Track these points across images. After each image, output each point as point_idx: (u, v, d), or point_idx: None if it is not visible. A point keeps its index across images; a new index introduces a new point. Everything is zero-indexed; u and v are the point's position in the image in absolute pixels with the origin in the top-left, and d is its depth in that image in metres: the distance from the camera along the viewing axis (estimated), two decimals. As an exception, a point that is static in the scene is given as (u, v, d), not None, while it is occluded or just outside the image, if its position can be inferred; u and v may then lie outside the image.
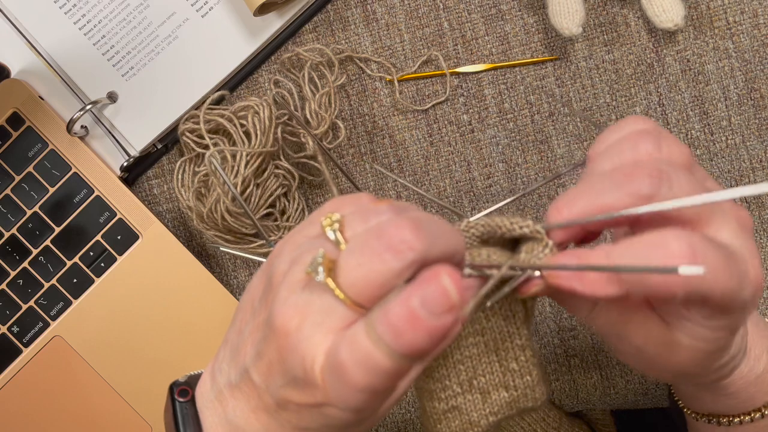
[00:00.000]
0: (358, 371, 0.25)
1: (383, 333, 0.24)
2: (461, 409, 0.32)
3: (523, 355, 0.31)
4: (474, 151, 0.56)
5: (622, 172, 0.28)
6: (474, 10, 0.55)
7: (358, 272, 0.25)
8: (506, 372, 0.32)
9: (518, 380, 0.31)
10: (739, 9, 0.54)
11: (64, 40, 0.55)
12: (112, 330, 0.55)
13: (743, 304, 0.27)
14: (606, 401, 0.57)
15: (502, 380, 0.32)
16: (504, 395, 0.32)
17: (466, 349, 0.31)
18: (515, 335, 0.31)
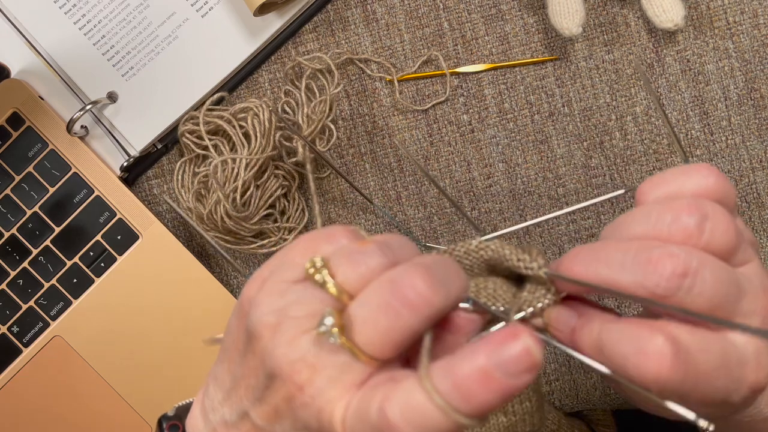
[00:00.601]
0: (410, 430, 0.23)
1: (448, 393, 0.23)
2: None
3: None
4: (474, 151, 0.56)
5: (648, 256, 0.27)
6: (474, 10, 0.55)
7: (375, 330, 0.24)
8: None
9: (517, 406, 0.31)
10: (739, 9, 0.54)
11: (64, 40, 0.55)
12: (112, 330, 0.55)
13: (733, 407, 0.27)
14: (606, 401, 0.57)
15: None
16: (502, 420, 0.31)
17: None
18: None
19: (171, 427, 0.34)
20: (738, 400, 0.27)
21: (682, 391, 0.25)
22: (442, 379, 0.23)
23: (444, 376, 0.23)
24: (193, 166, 0.54)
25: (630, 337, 0.26)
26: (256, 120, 0.51)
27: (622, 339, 0.26)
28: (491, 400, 0.23)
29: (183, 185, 0.54)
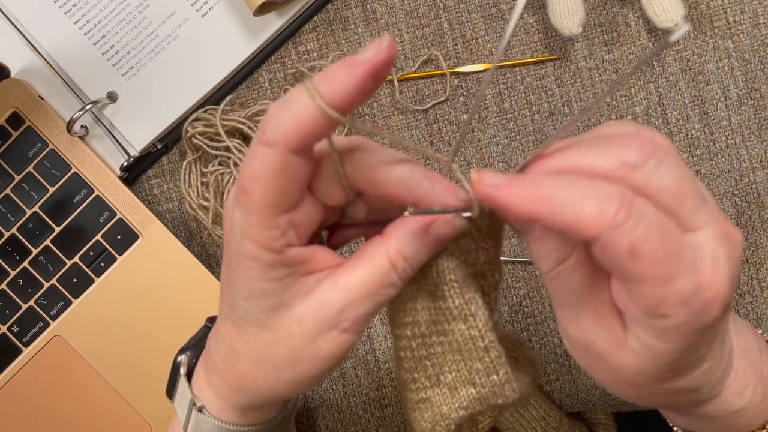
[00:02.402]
0: (286, 118, 0.26)
1: (316, 80, 0.26)
2: (431, 401, 0.32)
3: (487, 356, 0.31)
4: (474, 151, 0.56)
5: (614, 137, 0.28)
6: (474, 10, 0.55)
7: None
8: (471, 371, 0.31)
9: (484, 379, 0.31)
10: (739, 9, 0.54)
11: (64, 40, 0.55)
12: (112, 330, 0.55)
13: (686, 312, 0.26)
14: (606, 401, 0.57)
15: (468, 378, 0.31)
16: (471, 392, 0.32)
17: (431, 347, 0.32)
18: (477, 338, 0.31)
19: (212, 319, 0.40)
20: (698, 307, 0.26)
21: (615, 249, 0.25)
22: (318, 80, 0.26)
23: (321, 77, 0.26)
24: (200, 166, 0.55)
25: (586, 186, 0.26)
26: None
27: (577, 187, 0.26)
28: (349, 88, 0.26)
29: (191, 185, 0.54)
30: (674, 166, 0.27)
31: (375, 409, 0.57)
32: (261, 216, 0.28)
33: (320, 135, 0.27)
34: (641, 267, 0.25)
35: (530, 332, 0.56)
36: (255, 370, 0.32)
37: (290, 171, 0.27)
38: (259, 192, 0.27)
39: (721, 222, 0.28)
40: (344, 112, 0.26)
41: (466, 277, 0.31)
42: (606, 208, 0.25)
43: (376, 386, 0.57)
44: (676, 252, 0.26)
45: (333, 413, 0.57)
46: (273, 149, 0.27)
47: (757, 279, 0.55)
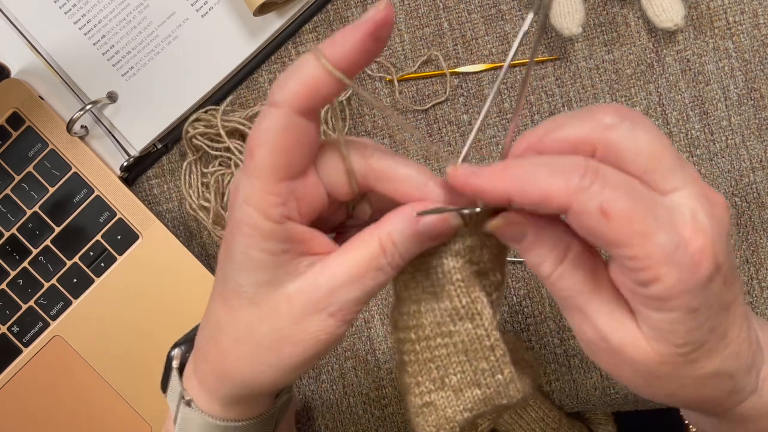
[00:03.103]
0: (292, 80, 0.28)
1: (321, 45, 0.27)
2: (436, 405, 0.32)
3: (492, 355, 0.31)
4: (474, 151, 0.56)
5: (590, 107, 0.29)
6: (474, 10, 0.55)
7: None
8: (477, 371, 0.31)
9: (489, 379, 0.31)
10: (739, 9, 0.54)
11: (64, 40, 0.55)
12: (112, 330, 0.55)
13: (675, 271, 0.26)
14: (606, 401, 0.57)
15: (474, 378, 0.32)
16: (477, 392, 0.32)
17: (436, 350, 0.32)
18: (483, 337, 0.31)
19: None
20: (686, 263, 0.26)
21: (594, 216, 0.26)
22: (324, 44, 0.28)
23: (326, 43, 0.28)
24: (200, 166, 0.55)
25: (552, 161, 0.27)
26: None
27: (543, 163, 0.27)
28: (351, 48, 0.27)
29: (191, 186, 0.54)
30: (649, 129, 0.28)
31: (375, 409, 0.57)
32: (263, 178, 0.28)
33: (326, 96, 0.28)
34: (615, 228, 0.26)
35: (530, 332, 0.56)
36: (238, 349, 0.32)
37: (294, 131, 0.28)
38: (262, 152, 0.28)
39: (699, 184, 0.28)
40: (348, 72, 0.27)
41: (470, 276, 0.31)
42: (571, 176, 0.26)
43: (376, 386, 0.57)
44: (646, 208, 0.26)
45: (333, 413, 0.57)
46: (279, 109, 0.28)
47: (757, 279, 0.55)
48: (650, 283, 0.26)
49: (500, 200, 0.28)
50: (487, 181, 0.28)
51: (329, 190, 0.30)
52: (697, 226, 0.27)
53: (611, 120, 0.28)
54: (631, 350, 0.28)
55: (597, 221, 0.26)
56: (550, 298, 0.56)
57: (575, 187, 0.26)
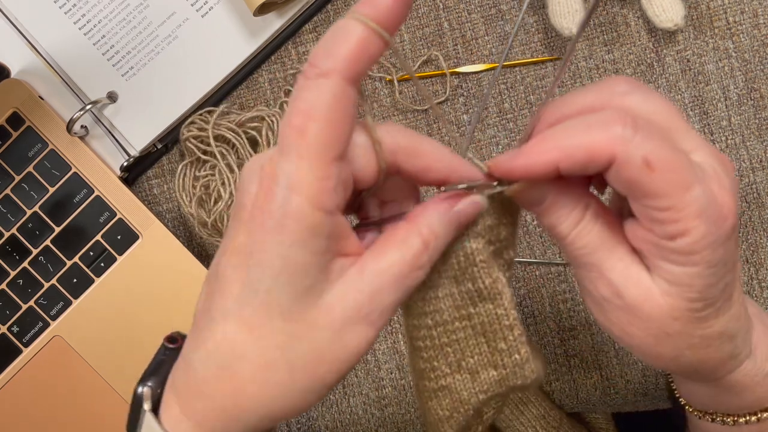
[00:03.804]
0: (339, 45, 0.26)
1: (358, 7, 0.26)
2: (451, 388, 0.32)
3: (511, 334, 0.31)
4: (474, 151, 0.56)
5: (598, 83, 0.29)
6: (474, 10, 0.55)
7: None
8: (494, 352, 0.32)
9: (507, 359, 0.31)
10: (739, 9, 0.54)
11: (64, 40, 0.55)
12: (112, 330, 0.55)
13: (705, 224, 0.26)
14: (606, 401, 0.57)
15: (491, 359, 0.32)
16: (493, 374, 0.32)
17: (453, 333, 0.32)
18: (503, 316, 0.31)
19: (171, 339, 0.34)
20: (714, 216, 0.26)
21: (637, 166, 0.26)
22: (360, 6, 0.26)
23: (362, 4, 0.26)
24: (194, 170, 0.55)
25: (588, 119, 0.27)
26: (270, 132, 0.52)
27: (579, 123, 0.27)
28: (393, 5, 0.26)
29: (184, 188, 0.54)
30: (659, 97, 0.29)
31: (375, 409, 0.57)
32: (317, 159, 0.25)
33: (372, 58, 0.26)
34: (657, 179, 0.26)
35: (530, 332, 0.56)
36: (263, 379, 0.27)
37: (347, 103, 0.26)
38: (316, 128, 0.25)
39: (711, 146, 0.29)
40: (391, 31, 0.26)
41: (490, 257, 0.31)
42: (613, 128, 0.26)
43: (376, 386, 0.57)
44: (687, 161, 0.26)
45: (333, 413, 0.57)
46: (329, 79, 0.25)
47: (757, 279, 0.55)
48: (678, 236, 0.27)
49: (548, 172, 0.27)
50: (532, 157, 0.27)
51: (357, 174, 0.28)
52: (722, 183, 0.27)
53: (625, 88, 0.28)
54: (646, 305, 0.29)
55: (639, 172, 0.26)
56: (550, 297, 0.56)
57: (619, 137, 0.26)
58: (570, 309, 0.55)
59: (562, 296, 0.55)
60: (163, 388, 0.31)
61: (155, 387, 0.31)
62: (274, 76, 0.56)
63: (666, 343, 0.30)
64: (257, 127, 0.54)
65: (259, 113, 0.53)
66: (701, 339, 0.30)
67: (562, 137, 0.27)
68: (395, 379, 0.56)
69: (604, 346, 0.55)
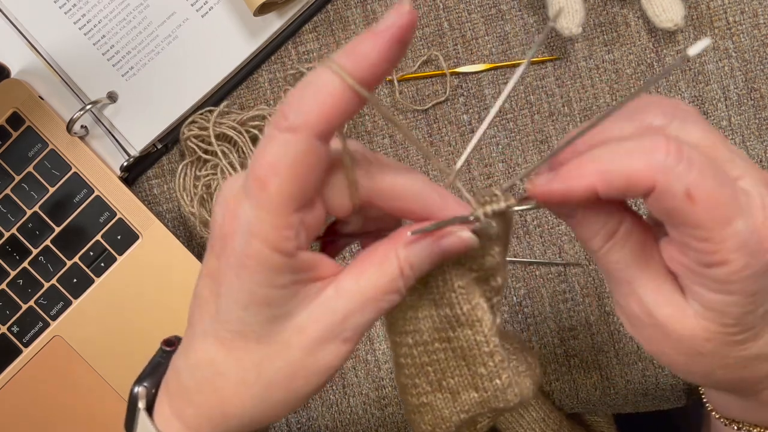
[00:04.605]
0: (310, 99, 0.25)
1: (339, 57, 0.25)
2: (432, 405, 0.32)
3: (491, 360, 0.31)
4: (474, 151, 0.56)
5: (634, 108, 0.28)
6: (474, 10, 0.55)
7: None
8: (474, 375, 0.31)
9: (487, 383, 0.31)
10: (739, 9, 0.54)
11: (64, 40, 0.55)
12: (112, 330, 0.55)
13: (745, 256, 0.25)
14: (606, 401, 0.57)
15: (471, 382, 0.32)
16: (474, 395, 0.32)
17: (434, 354, 0.31)
18: (482, 343, 0.31)
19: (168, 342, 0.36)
20: (755, 248, 0.25)
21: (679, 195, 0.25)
22: (341, 56, 0.25)
23: (343, 53, 0.25)
24: (194, 170, 0.54)
25: (629, 144, 0.26)
26: None
27: (620, 148, 0.26)
28: (375, 59, 0.24)
29: (185, 188, 0.54)
30: (700, 122, 0.28)
31: (375, 409, 0.57)
32: (276, 212, 0.25)
33: (347, 116, 0.25)
34: (699, 211, 0.25)
35: (530, 332, 0.56)
36: (243, 393, 0.29)
37: (313, 160, 0.25)
38: (277, 183, 0.25)
39: (758, 170, 0.28)
40: (370, 86, 0.25)
41: (471, 283, 0.30)
42: (655, 155, 0.25)
43: (376, 386, 0.57)
44: (731, 194, 0.26)
45: (333, 413, 0.57)
46: (297, 135, 0.25)
47: (757, 279, 0.55)
48: (715, 266, 0.26)
49: (587, 196, 0.27)
50: (571, 182, 0.27)
51: (329, 209, 0.28)
52: (767, 213, 0.26)
53: (660, 122, 0.27)
54: (678, 326, 0.28)
55: (680, 203, 0.25)
56: (550, 297, 0.56)
57: (661, 166, 0.25)
58: (570, 309, 0.55)
59: (562, 296, 0.55)
60: (158, 388, 0.33)
61: (150, 387, 0.34)
62: (274, 76, 0.56)
63: (698, 361, 0.29)
64: (258, 126, 0.54)
65: (260, 112, 0.53)
66: (736, 360, 0.29)
67: (602, 161, 0.26)
68: (395, 383, 0.56)
69: (604, 346, 0.55)
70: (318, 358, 0.28)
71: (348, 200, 0.28)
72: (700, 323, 0.28)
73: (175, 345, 0.34)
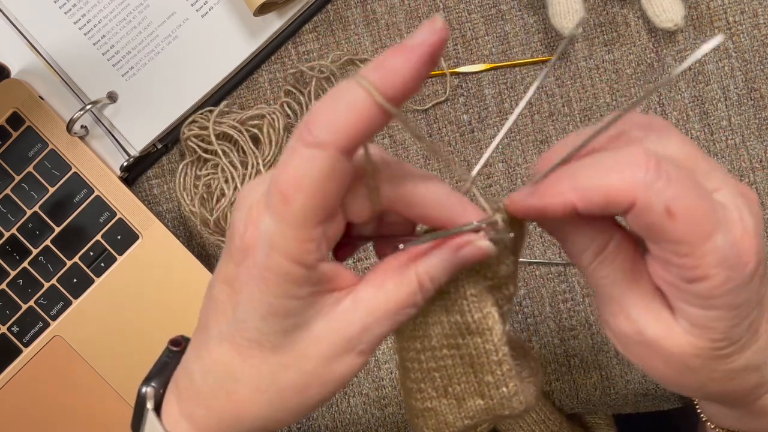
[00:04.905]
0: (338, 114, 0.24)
1: (367, 72, 0.24)
2: (437, 411, 0.32)
3: (499, 369, 0.31)
4: (474, 151, 0.56)
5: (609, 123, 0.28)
6: (474, 10, 0.55)
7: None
8: (481, 383, 0.31)
9: (493, 391, 0.31)
10: (739, 9, 0.54)
11: (64, 40, 0.55)
12: (112, 330, 0.55)
13: (725, 270, 0.25)
14: (606, 401, 0.57)
15: (478, 389, 0.31)
16: (479, 402, 0.32)
17: (441, 360, 0.31)
18: (491, 352, 0.31)
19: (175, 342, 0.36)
20: (735, 262, 0.25)
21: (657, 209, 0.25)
22: (367, 69, 0.24)
23: (372, 68, 0.24)
24: (195, 169, 0.55)
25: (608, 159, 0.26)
26: (272, 129, 0.52)
27: (598, 163, 0.26)
28: (406, 76, 0.24)
29: (185, 188, 0.54)
30: (675, 135, 0.27)
31: (375, 409, 0.57)
32: (299, 227, 0.25)
33: (372, 132, 0.25)
34: (679, 227, 0.25)
35: (530, 332, 0.56)
36: (257, 399, 0.29)
37: (337, 176, 0.25)
38: (301, 199, 0.25)
39: (735, 182, 0.28)
40: (398, 103, 0.24)
41: (483, 291, 0.30)
42: (634, 171, 0.25)
43: (376, 386, 0.57)
44: (710, 209, 0.25)
45: (333, 413, 0.57)
46: (323, 150, 0.24)
47: (757, 279, 0.55)
48: (697, 281, 0.26)
49: (565, 213, 0.26)
50: (547, 198, 0.26)
51: (349, 216, 0.28)
52: (745, 226, 0.26)
53: (637, 135, 0.27)
54: (667, 343, 0.28)
55: (659, 219, 0.25)
56: (550, 297, 0.56)
57: (641, 183, 0.25)
58: (570, 309, 0.55)
59: (562, 296, 0.55)
60: (165, 388, 0.33)
61: (158, 387, 0.33)
62: (274, 76, 0.56)
63: (688, 376, 0.29)
64: (258, 125, 0.54)
65: (259, 111, 0.53)
66: (724, 373, 0.29)
67: (579, 178, 0.26)
68: (395, 379, 0.56)
69: (604, 346, 0.55)
70: (333, 369, 0.28)
71: (368, 207, 0.28)
72: (688, 340, 0.28)
73: (183, 345, 0.34)
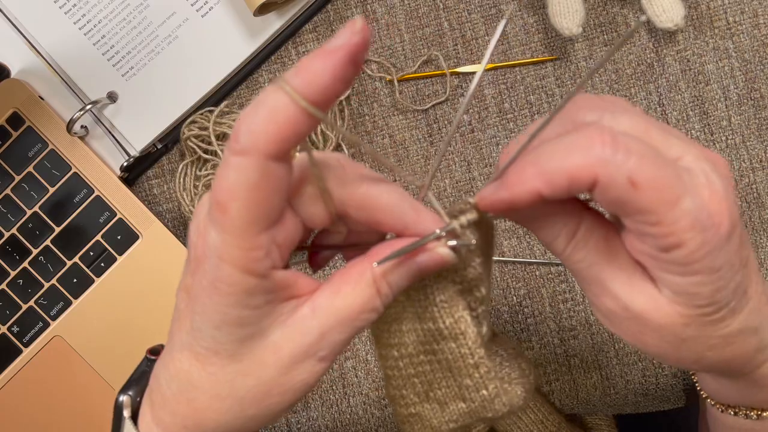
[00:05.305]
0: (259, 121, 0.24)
1: (289, 76, 0.24)
2: (421, 415, 0.32)
3: (476, 372, 0.31)
4: (474, 151, 0.56)
5: (561, 115, 0.28)
6: (474, 10, 0.55)
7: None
8: (461, 387, 0.31)
9: (474, 394, 0.31)
10: (739, 9, 0.54)
11: (64, 40, 0.55)
12: (112, 330, 0.55)
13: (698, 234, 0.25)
14: (606, 401, 0.57)
15: (458, 393, 0.31)
16: (462, 406, 0.32)
17: (420, 366, 0.31)
18: (467, 356, 0.30)
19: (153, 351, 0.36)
20: (707, 224, 0.26)
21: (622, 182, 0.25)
22: (292, 75, 0.24)
23: (294, 72, 0.24)
24: (194, 170, 0.55)
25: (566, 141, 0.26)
26: None
27: (557, 146, 0.26)
28: (327, 79, 0.23)
29: (185, 188, 0.54)
30: (629, 110, 0.28)
31: (375, 409, 0.57)
32: (241, 236, 0.25)
33: (299, 136, 0.24)
34: (644, 196, 0.25)
35: (530, 332, 0.56)
36: (217, 406, 0.29)
37: (270, 181, 0.25)
38: (236, 208, 0.25)
39: (697, 147, 0.28)
40: (323, 106, 0.24)
41: (453, 296, 0.30)
42: (592, 148, 0.25)
43: (376, 386, 0.57)
44: (673, 174, 0.26)
45: (333, 413, 0.57)
46: (248, 158, 0.24)
47: (757, 279, 0.55)
48: (673, 248, 0.26)
49: (533, 200, 0.26)
50: (513, 189, 0.26)
51: (306, 222, 0.28)
52: (713, 188, 0.26)
53: (591, 117, 0.27)
54: (655, 315, 0.28)
55: (624, 191, 0.25)
56: (550, 297, 0.56)
57: (599, 158, 0.25)
58: (570, 309, 0.55)
59: (562, 296, 0.55)
60: (142, 396, 0.34)
61: (135, 396, 0.34)
62: (274, 76, 0.56)
63: (684, 347, 0.29)
64: None
65: None
66: (721, 339, 0.29)
67: (540, 163, 0.26)
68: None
69: (604, 346, 0.55)
70: (293, 377, 0.28)
71: (323, 211, 0.28)
72: (675, 309, 0.28)
73: (160, 353, 0.34)
